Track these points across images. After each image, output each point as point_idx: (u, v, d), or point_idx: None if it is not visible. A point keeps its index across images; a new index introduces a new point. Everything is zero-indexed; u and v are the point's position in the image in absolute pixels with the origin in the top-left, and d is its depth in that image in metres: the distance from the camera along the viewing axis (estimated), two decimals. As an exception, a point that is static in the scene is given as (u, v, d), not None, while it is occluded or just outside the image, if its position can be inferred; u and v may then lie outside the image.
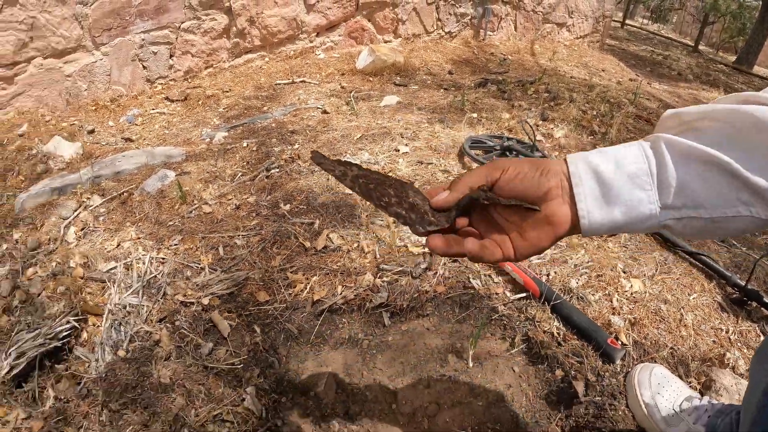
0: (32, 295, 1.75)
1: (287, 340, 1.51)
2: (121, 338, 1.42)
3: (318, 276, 1.69)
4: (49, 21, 2.91)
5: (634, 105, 4.09)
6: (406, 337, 1.54)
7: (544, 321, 1.57)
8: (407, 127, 2.93)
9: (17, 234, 2.10)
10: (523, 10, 5.52)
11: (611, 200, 0.57)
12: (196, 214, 2.11)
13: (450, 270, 1.77)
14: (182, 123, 3.05)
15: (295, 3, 3.86)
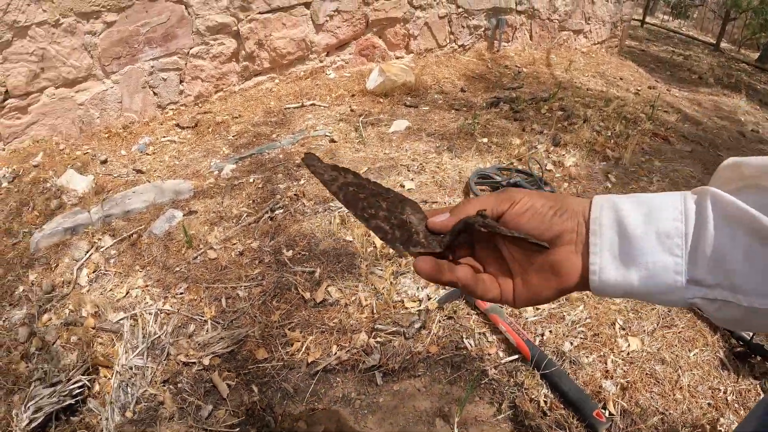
0: (48, 342, 1.95)
1: (283, 399, 1.67)
2: (128, 400, 1.60)
3: (314, 335, 1.84)
4: (59, 52, 3.12)
5: (652, 120, 4.16)
6: (397, 398, 1.69)
7: (532, 388, 1.70)
8: (414, 158, 3.07)
9: (33, 275, 2.31)
10: (537, 18, 5.60)
11: (630, 259, 0.49)
12: (201, 260, 2.28)
13: (444, 328, 1.91)
14: (192, 152, 3.24)
15: (303, 24, 4.01)
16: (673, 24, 12.46)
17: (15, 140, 3.19)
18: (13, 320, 2.07)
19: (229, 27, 3.65)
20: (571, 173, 3.09)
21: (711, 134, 4.47)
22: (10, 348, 1.94)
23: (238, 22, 3.67)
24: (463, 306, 2.00)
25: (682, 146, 3.89)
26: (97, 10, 3.13)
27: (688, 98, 5.66)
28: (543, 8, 5.55)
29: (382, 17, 4.40)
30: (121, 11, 3.20)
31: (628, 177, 3.19)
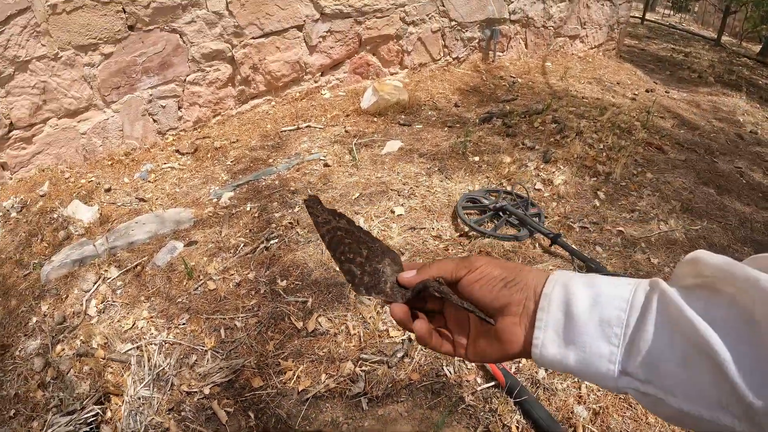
0: (62, 372, 2.24)
1: (277, 424, 1.94)
2: (138, 427, 1.88)
3: (305, 363, 2.11)
4: (59, 84, 3.42)
5: (647, 128, 4.36)
6: (381, 422, 1.95)
7: (505, 414, 1.94)
8: (405, 182, 3.32)
9: (45, 306, 2.59)
10: (532, 26, 5.83)
11: (571, 340, 0.54)
12: (201, 290, 2.56)
13: (426, 356, 2.17)
14: (192, 179, 3.52)
15: (297, 46, 4.29)
16: (674, 19, 12.65)
17: (21, 170, 3.49)
18: (28, 350, 2.35)
19: (224, 53, 3.94)
20: (560, 192, 3.31)
21: (708, 139, 4.65)
22: (27, 377, 2.23)
23: (232, 48, 3.96)
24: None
25: (676, 155, 4.08)
26: (94, 42, 3.42)
27: (687, 100, 5.85)
28: (537, 16, 5.78)
29: (375, 35, 4.67)
30: (117, 43, 3.49)
31: (618, 193, 3.39)
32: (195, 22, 3.70)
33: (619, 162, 3.64)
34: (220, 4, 3.76)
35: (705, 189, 3.66)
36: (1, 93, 3.25)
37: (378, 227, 2.89)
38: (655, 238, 3.00)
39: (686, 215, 3.27)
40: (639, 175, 3.63)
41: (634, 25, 10.46)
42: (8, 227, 3.12)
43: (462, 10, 5.12)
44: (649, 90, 5.79)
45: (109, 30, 3.44)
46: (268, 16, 3.99)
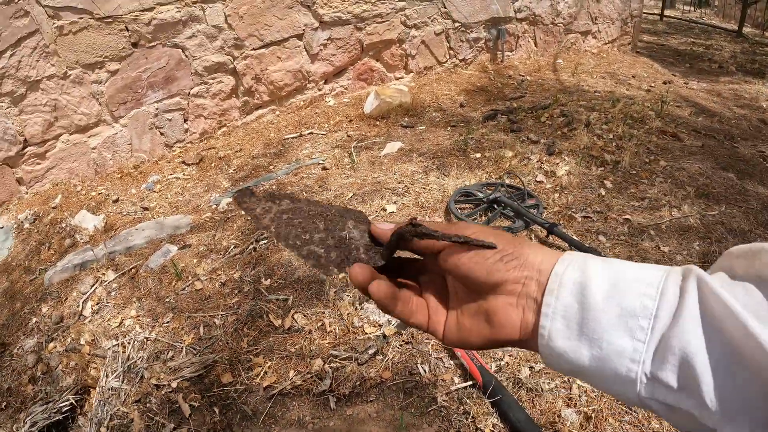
0: (51, 367, 2.29)
1: (242, 420, 1.91)
2: (104, 416, 1.89)
3: (275, 360, 2.08)
4: (69, 101, 3.54)
5: (661, 117, 4.18)
6: (348, 422, 1.89)
7: (479, 416, 1.82)
8: (401, 180, 3.27)
9: (45, 308, 2.66)
10: (540, 24, 5.71)
11: (584, 332, 0.43)
12: (188, 290, 2.57)
13: (401, 354, 2.10)
14: (195, 188, 3.57)
15: (297, 55, 4.32)
16: (695, 14, 12.26)
17: (36, 184, 3.62)
18: (25, 348, 2.42)
19: (226, 65, 4.01)
20: (563, 183, 3.19)
21: (728, 125, 4.43)
22: (20, 372, 2.29)
23: (233, 60, 4.02)
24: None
25: (693, 141, 3.89)
26: (100, 60, 3.54)
27: (707, 89, 5.60)
28: (545, 13, 5.67)
29: (377, 40, 4.66)
30: (122, 60, 3.60)
31: (627, 181, 3.24)
32: (196, 36, 3.79)
33: (628, 150, 3.48)
34: (219, 17, 3.83)
35: (724, 174, 3.45)
36: (15, 111, 3.40)
37: (368, 226, 2.86)
38: (666, 225, 2.84)
39: (702, 200, 3.08)
40: (651, 163, 3.46)
41: (653, 22, 10.19)
42: (21, 238, 3.24)
43: (464, 11, 5.07)
44: (667, 82, 5.57)
45: (114, 48, 3.56)
46: (267, 26, 4.05)
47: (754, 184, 3.41)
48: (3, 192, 3.60)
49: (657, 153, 3.62)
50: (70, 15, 3.42)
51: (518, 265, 0.48)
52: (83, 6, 3.43)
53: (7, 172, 3.56)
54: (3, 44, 3.28)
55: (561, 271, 0.45)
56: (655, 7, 11.83)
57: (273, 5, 4.03)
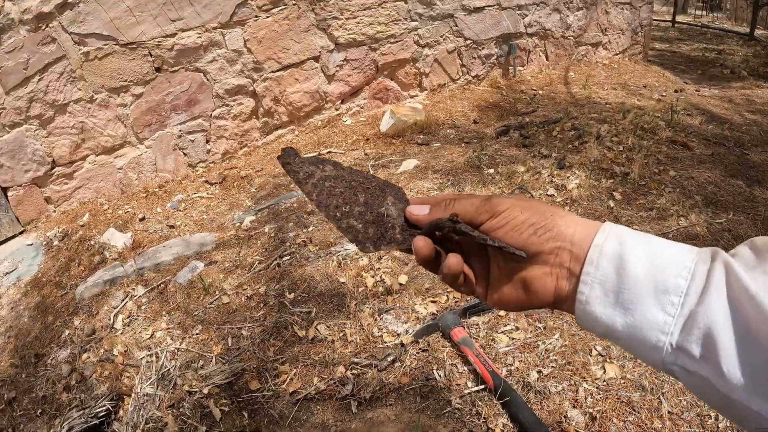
0: (86, 377, 2.46)
1: (270, 424, 2.06)
2: (140, 420, 2.05)
3: (299, 368, 2.23)
4: (96, 124, 3.77)
5: (671, 127, 4.29)
6: (369, 424, 2.03)
7: (490, 417, 1.96)
8: (416, 197, 3.43)
9: (77, 321, 2.84)
10: (551, 38, 5.89)
11: (620, 301, 0.49)
12: (216, 304, 2.74)
13: (418, 360, 2.24)
14: (218, 206, 3.76)
15: (315, 77, 4.54)
16: (707, 18, 12.37)
17: (64, 203, 3.83)
18: (59, 358, 2.60)
19: (246, 88, 4.22)
20: (572, 196, 3.32)
21: (739, 132, 4.52)
22: (55, 381, 2.46)
23: (253, 83, 4.24)
24: (438, 339, 2.33)
25: (702, 150, 3.99)
26: (125, 84, 3.77)
27: (718, 96, 5.70)
28: (555, 27, 5.85)
29: (391, 60, 4.87)
30: (146, 84, 3.83)
31: (636, 192, 3.35)
32: (216, 60, 4.01)
33: (637, 162, 3.61)
34: (238, 42, 4.06)
35: (733, 182, 3.55)
36: (44, 133, 3.62)
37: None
38: (673, 233, 2.95)
39: (710, 209, 3.19)
40: (661, 174, 3.58)
41: (665, 29, 10.31)
42: (51, 254, 3.44)
43: (476, 29, 5.26)
44: (679, 90, 5.70)
45: (138, 72, 3.79)
46: (284, 50, 4.27)
47: (763, 190, 3.50)
48: (32, 210, 3.81)
49: (666, 163, 3.73)
50: (95, 41, 3.65)
51: (551, 237, 0.53)
52: (108, 33, 3.66)
53: (35, 191, 3.77)
54: (31, 70, 3.51)
55: (601, 242, 0.51)
56: (667, 13, 11.93)
57: (290, 29, 4.25)
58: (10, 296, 3.27)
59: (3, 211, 3.75)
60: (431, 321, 2.36)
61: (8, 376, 2.61)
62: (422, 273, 2.71)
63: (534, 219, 0.54)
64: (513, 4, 5.42)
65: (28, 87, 3.53)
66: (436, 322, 2.33)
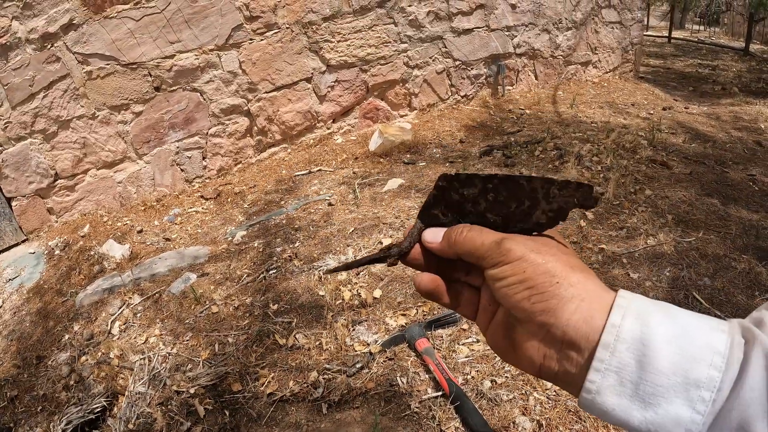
0: (84, 377, 2.80)
1: (249, 422, 2.40)
2: (132, 416, 2.40)
3: (277, 372, 2.58)
4: (97, 139, 4.14)
5: (653, 146, 4.54)
6: (336, 425, 2.36)
7: (444, 421, 2.26)
8: (398, 215, 3.77)
9: (77, 326, 3.20)
10: (540, 58, 6.24)
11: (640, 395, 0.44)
12: (206, 313, 3.08)
13: (384, 368, 2.58)
14: (212, 221, 4.12)
15: (307, 97, 4.91)
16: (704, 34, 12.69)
17: (65, 214, 4.20)
18: (59, 360, 2.95)
19: (241, 107, 4.60)
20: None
21: (722, 150, 4.77)
22: (55, 381, 2.81)
23: (248, 102, 4.62)
24: (404, 349, 2.66)
25: (681, 169, 4.21)
26: (126, 102, 4.15)
27: (706, 113, 5.99)
28: (544, 47, 6.19)
29: (381, 81, 5.24)
30: (146, 102, 4.21)
31: (609, 212, 3.55)
32: (213, 81, 4.39)
33: (612, 181, 3.84)
34: (233, 64, 4.44)
35: (708, 200, 3.74)
36: (47, 147, 4.00)
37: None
38: (639, 252, 3.16)
39: (680, 227, 3.38)
40: (636, 193, 3.77)
41: (661, 45, 10.62)
42: (52, 263, 3.80)
43: (465, 50, 5.62)
44: (667, 108, 5.99)
45: (138, 91, 4.17)
46: (278, 71, 4.64)
47: (738, 208, 3.68)
48: (35, 220, 4.18)
49: (644, 182, 3.94)
50: (98, 61, 4.02)
51: (544, 309, 0.48)
52: (110, 53, 4.04)
53: (38, 202, 4.14)
54: (37, 86, 3.89)
55: (618, 323, 0.45)
56: (664, 28, 12.24)
57: (283, 51, 4.63)
58: (12, 302, 3.63)
59: (7, 221, 4.11)
60: (398, 332, 2.69)
61: (11, 375, 2.97)
62: (396, 288, 3.05)
63: (535, 280, 0.49)
64: (502, 25, 5.78)
65: (33, 103, 3.91)
66: (403, 333, 2.65)
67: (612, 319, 0.45)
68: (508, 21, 5.79)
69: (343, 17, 4.81)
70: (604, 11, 6.54)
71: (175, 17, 4.16)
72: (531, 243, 0.52)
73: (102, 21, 3.96)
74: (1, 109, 3.85)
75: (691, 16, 14.48)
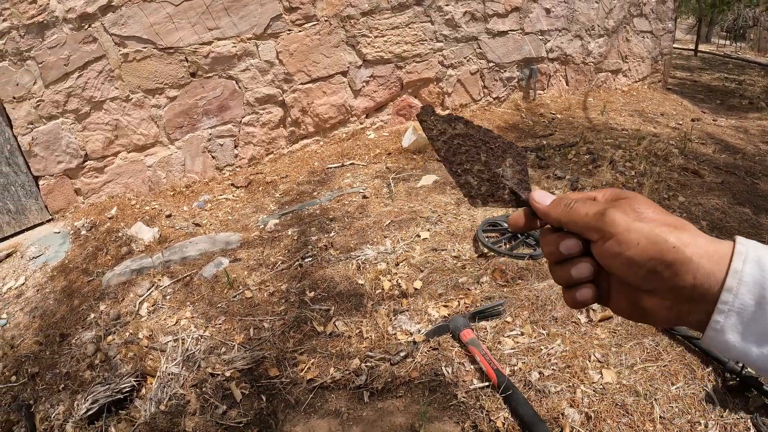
0: (110, 357, 2.65)
1: (286, 408, 2.24)
2: (163, 397, 2.24)
3: (317, 358, 2.42)
4: (129, 122, 4.03)
5: (684, 154, 4.45)
6: (379, 413, 2.20)
7: (493, 411, 2.12)
8: (434, 210, 3.62)
9: (103, 306, 3.05)
10: (572, 63, 6.12)
11: (758, 332, 0.48)
12: (239, 298, 2.93)
13: (428, 357, 2.42)
14: (243, 209, 3.98)
15: (342, 91, 4.80)
16: (730, 48, 12.56)
17: (93, 196, 4.08)
18: (83, 339, 2.80)
19: (275, 97, 4.49)
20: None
21: (752, 162, 4.69)
22: (79, 359, 2.66)
23: (283, 93, 4.50)
24: (448, 339, 2.50)
25: (713, 178, 4.14)
26: (161, 87, 4.03)
27: (734, 126, 5.88)
28: (576, 53, 6.08)
29: (416, 78, 5.12)
30: (181, 87, 4.10)
31: None
32: (249, 69, 4.28)
33: (647, 186, 3.77)
34: (271, 53, 4.33)
35: (740, 209, 3.71)
36: (79, 128, 3.89)
37: (403, 248, 3.20)
38: None
39: (714, 234, 3.31)
40: (670, 199, 3.72)
41: (687, 58, 10.51)
42: (78, 242, 3.67)
43: (498, 52, 5.51)
44: (695, 119, 5.88)
45: (173, 76, 4.05)
46: (314, 63, 4.53)
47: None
48: (61, 200, 4.05)
49: (677, 189, 3.87)
50: (135, 44, 3.92)
51: (672, 275, 0.50)
52: (147, 36, 3.93)
53: (66, 182, 4.02)
54: (71, 66, 3.78)
55: (740, 268, 0.48)
56: (690, 42, 12.13)
57: (321, 44, 4.51)
58: (36, 279, 3.49)
59: (33, 199, 3.99)
60: (442, 323, 2.53)
61: (32, 352, 2.82)
62: (436, 279, 2.89)
63: (651, 252, 0.51)
64: (536, 29, 5.66)
65: (67, 82, 3.80)
66: (447, 323, 2.50)
67: (734, 265, 0.48)
68: (542, 25, 5.68)
69: (381, 13, 4.70)
70: (636, 20, 6.42)
71: (215, 4, 4.05)
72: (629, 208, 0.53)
73: (141, 4, 3.86)
74: (35, 87, 3.74)
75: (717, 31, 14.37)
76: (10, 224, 3.98)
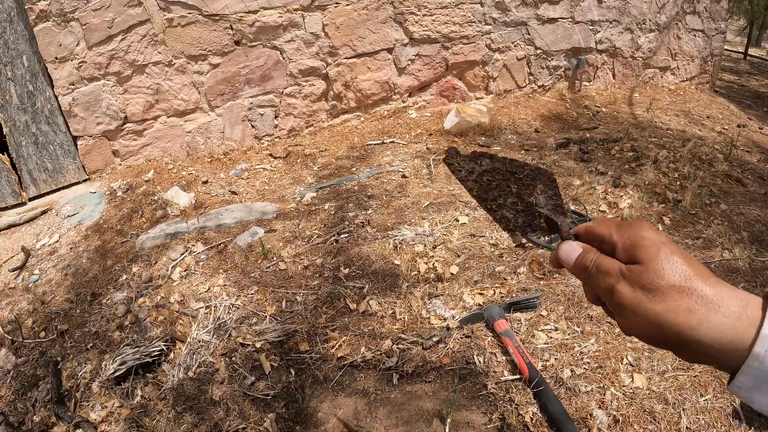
0: (140, 319, 2.63)
1: (314, 383, 2.19)
2: (192, 363, 2.21)
3: (349, 336, 2.36)
4: (171, 87, 3.99)
5: (728, 161, 4.28)
6: (407, 396, 2.14)
7: (522, 405, 2.05)
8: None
9: (135, 268, 3.04)
10: (620, 57, 5.91)
11: None
12: (272, 269, 2.89)
13: (460, 345, 2.34)
14: (281, 180, 3.93)
15: (386, 67, 4.70)
16: None
17: (130, 158, 4.06)
18: (114, 299, 2.79)
19: (319, 70, 4.41)
20: (623, 215, 3.36)
21: None
22: (109, 319, 2.65)
23: (326, 66, 4.42)
24: (481, 328, 2.43)
25: (756, 188, 3.99)
26: (204, 53, 3.99)
27: None
28: (625, 46, 5.87)
29: (461, 60, 4.99)
30: (224, 55, 4.04)
31: (685, 220, 3.36)
32: (294, 41, 4.20)
33: (690, 190, 3.63)
34: (317, 25, 4.24)
35: None
36: (120, 90, 3.86)
37: (441, 231, 3.11)
38: (715, 264, 2.96)
39: (755, 246, 3.19)
40: (712, 205, 3.59)
41: (736, 61, 10.13)
42: (114, 203, 3.66)
43: (547, 39, 5.34)
44: (741, 125, 5.65)
45: (217, 43, 4.00)
46: (360, 38, 4.43)
47: None
48: (98, 161, 4.05)
49: (719, 196, 3.73)
50: (180, 9, 3.86)
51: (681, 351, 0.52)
52: (193, 3, 3.87)
53: (104, 143, 4.01)
54: (115, 29, 3.74)
55: None
56: (740, 44, 11.70)
57: (368, 19, 4.41)
58: (70, 237, 3.49)
59: (71, 158, 3.99)
60: (477, 310, 2.46)
61: (62, 309, 2.82)
62: (473, 265, 2.81)
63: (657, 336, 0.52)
64: (586, 18, 5.48)
65: (110, 45, 3.76)
66: (481, 312, 2.43)
67: (764, 330, 0.48)
68: (593, 15, 5.48)
69: (430, -9, 4.58)
70: (689, 17, 6.16)
71: (263, -28, 3.97)
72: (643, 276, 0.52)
73: (189, -31, 3.80)
74: (77, 48, 3.71)
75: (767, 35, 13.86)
76: (47, 182, 3.99)
